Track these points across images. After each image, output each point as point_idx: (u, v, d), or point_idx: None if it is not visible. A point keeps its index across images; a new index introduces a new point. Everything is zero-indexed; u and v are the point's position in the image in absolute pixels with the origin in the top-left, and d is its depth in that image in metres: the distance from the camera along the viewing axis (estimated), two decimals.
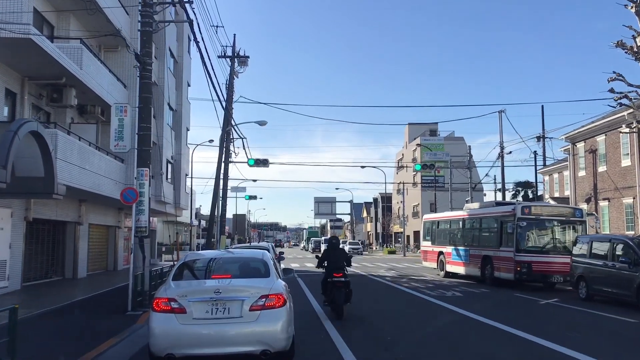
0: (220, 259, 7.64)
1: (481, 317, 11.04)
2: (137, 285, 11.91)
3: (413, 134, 68.03)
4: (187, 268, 7.26)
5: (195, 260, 7.80)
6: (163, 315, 6.02)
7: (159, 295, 6.27)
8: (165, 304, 6.06)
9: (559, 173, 36.81)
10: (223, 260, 7.60)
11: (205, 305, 6.02)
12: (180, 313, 5.97)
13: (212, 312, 6.02)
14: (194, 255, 8.25)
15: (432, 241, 24.62)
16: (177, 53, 31.22)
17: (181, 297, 6.06)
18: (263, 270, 6.95)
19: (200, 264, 7.54)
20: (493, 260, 18.70)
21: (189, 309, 5.99)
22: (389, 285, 18.75)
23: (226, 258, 7.82)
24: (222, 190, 30.78)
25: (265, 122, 29.15)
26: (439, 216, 25.13)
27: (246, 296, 6.11)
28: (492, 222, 19.55)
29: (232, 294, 6.13)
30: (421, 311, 12.54)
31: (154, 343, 6.04)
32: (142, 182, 12.48)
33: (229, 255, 8.10)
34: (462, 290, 16.92)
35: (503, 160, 27.23)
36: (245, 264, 7.46)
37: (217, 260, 7.53)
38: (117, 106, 12.79)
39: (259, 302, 6.08)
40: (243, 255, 8.14)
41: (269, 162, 30.65)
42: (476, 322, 10.65)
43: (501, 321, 10.46)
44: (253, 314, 6.03)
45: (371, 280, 21.44)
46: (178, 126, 30.99)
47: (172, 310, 6.00)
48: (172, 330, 5.93)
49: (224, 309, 6.03)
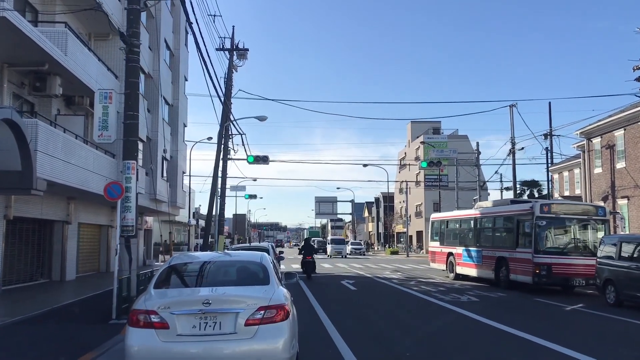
0: (212, 263, 6.54)
1: (507, 327, 9.82)
2: (122, 291, 10.73)
3: (416, 132, 66.78)
4: (172, 273, 6.17)
5: (183, 264, 6.65)
6: (141, 331, 5.00)
7: (137, 307, 5.21)
8: (144, 318, 5.03)
9: (569, 171, 35.58)
10: (215, 264, 6.51)
11: (192, 319, 5.02)
12: (162, 328, 4.97)
13: (201, 327, 5.02)
14: (181, 257, 7.09)
15: (440, 242, 23.40)
16: (174, 45, 30.03)
17: (163, 309, 5.03)
18: (262, 276, 5.94)
19: (188, 269, 6.47)
20: (509, 262, 17.49)
21: (173, 323, 4.98)
22: (398, 289, 17.53)
23: (219, 261, 6.69)
24: (221, 188, 29.59)
25: (265, 118, 27.90)
26: (448, 215, 23.88)
27: (241, 308, 5.07)
28: (508, 221, 18.33)
29: (225, 306, 5.09)
30: (438, 320, 11.31)
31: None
32: (129, 176, 11.29)
33: (222, 258, 6.97)
34: (477, 295, 15.71)
35: (514, 157, 26.04)
36: (241, 268, 6.44)
37: (209, 264, 6.45)
38: (101, 92, 11.60)
39: (256, 315, 5.06)
40: (238, 258, 7.08)
41: (269, 159, 29.47)
42: (504, 334, 9.42)
43: (533, 333, 9.22)
44: (249, 329, 5.03)
45: (378, 283, 20.23)
46: (174, 122, 29.82)
47: (152, 324, 4.98)
48: (152, 349, 4.93)
49: (215, 324, 5.03)
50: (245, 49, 28.92)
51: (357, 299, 15.11)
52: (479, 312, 11.81)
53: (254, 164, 29.45)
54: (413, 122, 68.84)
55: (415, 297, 15.21)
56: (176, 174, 29.63)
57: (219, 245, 28.17)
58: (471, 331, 9.80)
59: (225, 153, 29.61)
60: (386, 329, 9.85)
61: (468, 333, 9.64)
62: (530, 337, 8.89)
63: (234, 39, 28.61)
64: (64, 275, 18.90)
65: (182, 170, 31.83)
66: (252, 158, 29.16)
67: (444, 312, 12.13)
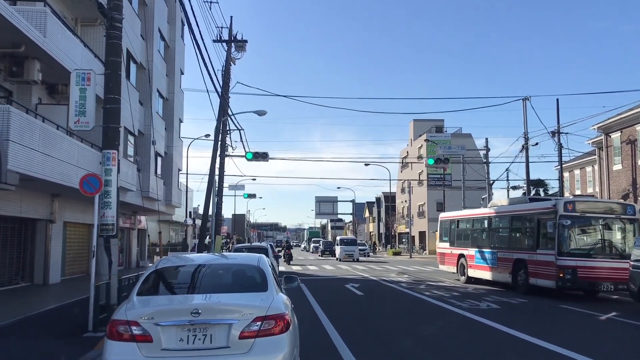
0: (204, 266, 5.83)
1: (544, 343, 8.44)
2: (99, 299, 9.38)
3: (418, 130, 65.32)
4: (159, 278, 5.49)
5: (172, 267, 5.88)
6: (121, 345, 4.39)
7: (117, 317, 4.57)
8: (124, 329, 4.42)
9: (581, 169, 34.27)
10: (207, 268, 5.81)
11: (179, 331, 4.42)
12: (145, 342, 4.37)
13: (189, 340, 4.43)
14: (171, 260, 6.26)
15: (450, 243, 22.02)
16: (169, 37, 28.67)
17: (146, 319, 4.43)
18: (259, 281, 5.30)
19: (176, 273, 5.73)
20: (528, 265, 16.12)
21: (157, 336, 4.38)
22: (409, 295, 16.16)
23: (211, 265, 6.00)
24: (218, 186, 28.22)
25: (264, 112, 26.49)
26: (459, 214, 22.48)
27: (236, 319, 4.48)
28: (527, 220, 16.96)
29: (217, 316, 4.49)
30: (462, 332, 9.96)
31: None
32: (109, 167, 9.94)
33: (215, 261, 6.27)
34: (496, 301, 14.35)
35: (527, 153, 24.63)
36: (236, 272, 5.75)
37: (200, 268, 5.73)
38: (78, 73, 10.22)
39: (252, 327, 4.46)
40: (234, 261, 6.39)
41: (268, 155, 28.00)
42: (543, 351, 8.05)
43: (576, 349, 7.87)
44: (245, 342, 4.43)
45: (385, 287, 18.86)
46: (170, 117, 28.47)
47: (134, 337, 4.38)
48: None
49: (205, 337, 4.44)
50: (243, 41, 27.61)
51: (364, 305, 13.76)
52: (505, 322, 10.44)
53: (253, 161, 28.06)
54: (415, 120, 67.37)
55: (429, 303, 13.85)
56: (171, 171, 28.28)
57: (215, 246, 26.81)
58: (503, 347, 8.45)
59: (222, 149, 28.27)
60: (403, 344, 8.49)
61: (501, 349, 8.28)
62: (575, 355, 7.54)
63: (231, 30, 27.30)
64: (47, 278, 17.53)
65: (178, 167, 30.47)
66: (250, 155, 27.80)
67: (466, 323, 10.75)
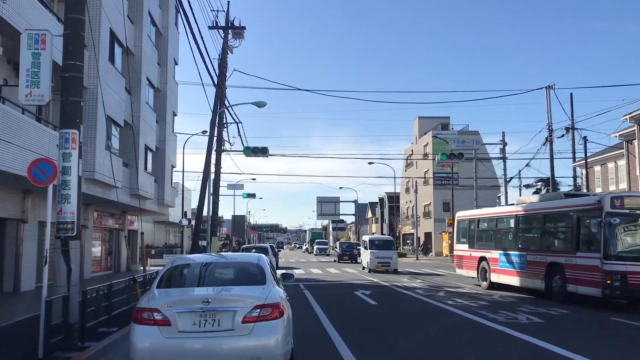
0: (211, 264, 6.82)
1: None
2: (52, 317, 7.37)
3: (423, 128, 63.32)
4: (174, 274, 6.45)
5: (183, 265, 6.74)
6: (145, 328, 5.31)
7: (141, 305, 5.53)
8: (147, 315, 5.33)
9: (601, 165, 32.24)
10: (214, 266, 6.82)
11: (192, 316, 5.30)
12: (165, 325, 5.26)
13: (201, 324, 5.30)
14: (182, 259, 7.06)
15: (469, 244, 19.96)
16: (161, 23, 26.68)
17: (166, 307, 5.33)
18: (259, 277, 6.19)
19: (188, 270, 6.63)
20: (565, 270, 14.08)
21: (175, 320, 5.27)
22: (429, 304, 14.13)
23: (217, 263, 6.99)
24: (214, 184, 26.24)
25: (264, 103, 24.28)
26: (480, 213, 20.37)
27: (239, 306, 5.36)
28: (564, 219, 14.90)
29: (223, 304, 5.38)
30: (514, 358, 7.93)
31: (135, 359, 5.30)
32: (68, 151, 7.95)
33: (221, 260, 7.26)
34: (534, 312, 12.31)
35: (552, 146, 22.58)
36: (239, 269, 6.71)
37: (208, 266, 6.72)
38: (30, 34, 8.19)
39: (253, 313, 5.35)
40: (237, 259, 7.41)
41: (268, 151, 26.01)
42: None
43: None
44: (246, 326, 5.30)
45: (400, 294, 16.82)
46: (162, 109, 26.46)
47: (155, 322, 5.28)
48: (155, 345, 5.22)
49: (214, 321, 5.30)
50: (241, 27, 25.70)
51: (381, 318, 11.73)
52: (558, 342, 8.40)
53: (252, 156, 26.04)
54: (420, 117, 65.43)
55: (458, 316, 11.80)
56: (163, 168, 26.25)
57: (212, 248, 24.79)
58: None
59: (219, 144, 26.26)
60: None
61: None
62: None
63: (228, 15, 25.39)
64: (18, 285, 15.55)
65: (172, 164, 28.43)
66: (249, 150, 25.80)
67: (513, 344, 8.69)
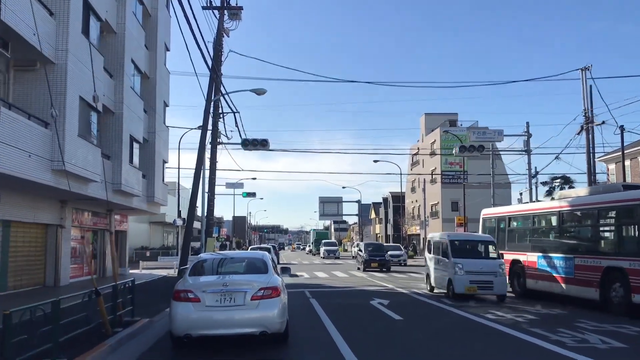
0: (228, 259, 9.50)
1: None
2: None
3: (430, 125, 60.79)
4: (201, 266, 8.82)
5: (208, 259, 9.30)
6: (182, 304, 7.57)
7: (179, 288, 7.82)
8: (183, 295, 7.62)
9: (631, 159, 29.85)
10: (230, 260, 9.43)
11: (216, 295, 7.61)
12: (196, 302, 7.54)
13: (221, 301, 7.60)
14: (206, 255, 9.97)
15: (498, 245, 17.52)
16: (151, 4, 24.27)
17: (196, 289, 7.66)
18: (262, 268, 8.56)
19: (211, 263, 9.07)
20: (629, 276, 11.62)
21: (203, 298, 7.56)
22: (465, 318, 11.67)
23: (233, 258, 9.71)
24: (209, 180, 23.80)
25: (263, 91, 21.70)
26: (511, 210, 17.79)
27: (248, 288, 7.69)
28: (625, 215, 12.40)
29: (237, 287, 7.71)
30: None
31: (174, 327, 7.60)
32: None
33: (234, 255, 10.22)
34: (599, 330, 9.84)
35: (589, 135, 20.06)
36: (248, 263, 9.00)
37: (225, 260, 9.33)
38: None
39: (258, 293, 7.65)
40: (246, 255, 9.85)
41: (268, 143, 23.40)
42: None
43: None
44: (254, 302, 7.60)
45: (424, 304, 14.37)
46: (151, 97, 24.02)
47: (189, 299, 7.56)
48: (189, 316, 7.51)
49: (231, 299, 7.60)
50: (238, 7, 23.28)
51: (410, 339, 9.27)
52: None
53: (250, 149, 23.58)
54: (427, 114, 62.95)
55: (509, 337, 9.32)
56: (153, 163, 23.81)
57: (207, 250, 22.29)
58: None
59: (214, 135, 23.80)
60: None
61: None
62: None
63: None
64: None
65: (163, 159, 25.96)
66: (247, 142, 23.32)
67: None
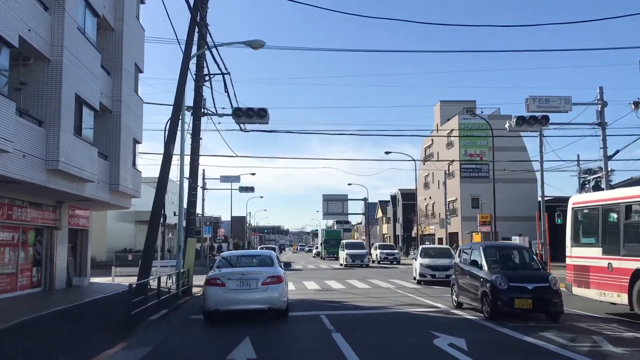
0: (245, 256, 13.41)
1: None
2: None
3: (446, 113, 55.43)
4: (224, 260, 12.48)
5: (228, 256, 13.08)
6: (212, 287, 10.95)
7: (210, 276, 11.25)
8: (213, 281, 10.99)
9: None
10: (246, 256, 13.25)
11: (236, 282, 10.92)
12: (222, 286, 10.89)
13: (240, 285, 10.90)
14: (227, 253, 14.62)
15: (603, 249, 11.92)
16: None
17: (222, 277, 11.04)
18: (270, 262, 12.15)
19: (232, 258, 12.74)
20: None
21: (227, 283, 10.89)
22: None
23: (247, 255, 13.84)
24: (191, 162, 18.34)
25: (261, 43, 16.10)
26: (623, 196, 11.83)
27: (260, 277, 11.04)
28: None
29: (252, 275, 11.08)
30: None
31: (206, 304, 11.02)
32: None
33: (249, 254, 14.85)
34: None
35: None
36: (259, 259, 12.60)
37: (242, 257, 13.03)
38: None
39: (267, 280, 10.97)
40: (258, 253, 14.00)
41: (267, 114, 17.84)
42: None
43: None
44: (264, 287, 10.90)
45: (523, 345, 8.91)
46: (117, 55, 18.55)
47: (217, 284, 10.93)
48: (217, 296, 10.87)
49: (247, 284, 10.92)
50: None
51: None
52: None
53: (244, 122, 18.18)
54: (442, 102, 57.53)
55: None
56: (118, 140, 18.29)
57: (187, 256, 16.79)
58: None
59: (197, 102, 18.34)
60: None
61: None
62: None
63: None
64: None
65: (134, 137, 20.44)
66: (240, 112, 17.85)
67: None
